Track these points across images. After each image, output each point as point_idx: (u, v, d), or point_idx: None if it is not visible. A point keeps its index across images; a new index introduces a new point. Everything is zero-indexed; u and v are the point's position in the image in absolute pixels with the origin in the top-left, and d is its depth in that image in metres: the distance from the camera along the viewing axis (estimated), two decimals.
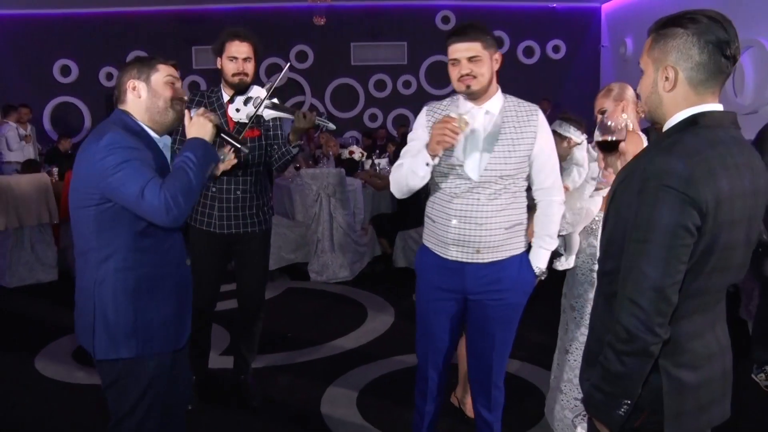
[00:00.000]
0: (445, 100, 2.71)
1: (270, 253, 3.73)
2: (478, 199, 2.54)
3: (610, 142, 2.16)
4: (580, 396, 2.98)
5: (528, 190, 2.68)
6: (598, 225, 2.94)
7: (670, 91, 1.60)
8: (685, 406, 1.60)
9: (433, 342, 2.77)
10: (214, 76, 3.32)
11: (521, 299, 2.68)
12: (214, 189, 3.34)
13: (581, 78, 12.67)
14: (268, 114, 3.03)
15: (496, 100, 2.58)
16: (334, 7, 11.63)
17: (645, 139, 2.78)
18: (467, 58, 2.48)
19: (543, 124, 2.60)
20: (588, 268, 2.96)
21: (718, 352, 1.67)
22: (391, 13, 12.88)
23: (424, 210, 2.76)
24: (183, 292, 2.34)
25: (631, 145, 2.24)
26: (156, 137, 2.28)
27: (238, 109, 3.07)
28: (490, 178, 2.52)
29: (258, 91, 3.14)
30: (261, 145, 3.37)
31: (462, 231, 2.56)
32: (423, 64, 12.78)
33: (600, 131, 2.19)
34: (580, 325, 3.00)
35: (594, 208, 2.91)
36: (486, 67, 2.49)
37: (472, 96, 2.53)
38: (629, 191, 1.57)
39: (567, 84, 12.83)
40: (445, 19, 12.71)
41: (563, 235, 2.95)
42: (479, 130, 2.55)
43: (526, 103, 2.63)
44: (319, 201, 6.16)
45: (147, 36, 12.36)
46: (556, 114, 3.46)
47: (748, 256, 1.65)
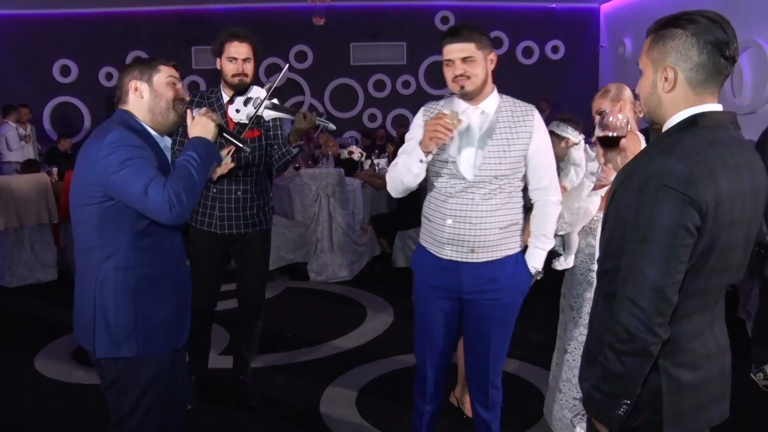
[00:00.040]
0: (442, 100, 2.71)
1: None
2: (473, 198, 2.54)
3: (611, 137, 2.16)
4: (578, 395, 2.99)
5: (525, 190, 2.68)
6: (597, 225, 2.94)
7: (670, 91, 1.60)
8: (684, 406, 1.60)
9: (431, 341, 2.77)
10: (214, 77, 3.32)
11: (517, 299, 2.68)
12: (214, 190, 3.35)
13: (580, 78, 12.68)
14: (268, 114, 3.03)
15: (492, 100, 2.58)
16: (334, 7, 11.64)
17: (643, 140, 2.79)
18: (461, 58, 2.48)
19: (539, 124, 2.59)
20: (586, 268, 2.97)
21: (717, 352, 1.67)
22: (391, 14, 12.89)
23: None
24: (183, 293, 2.34)
25: (629, 145, 2.24)
26: (158, 137, 2.29)
27: (238, 110, 3.07)
28: (484, 178, 2.53)
29: (258, 92, 3.14)
30: (261, 145, 3.37)
31: (457, 230, 2.57)
32: (422, 64, 12.80)
33: (601, 127, 2.18)
34: (578, 325, 3.01)
35: (592, 208, 2.92)
36: (480, 68, 2.50)
37: (466, 96, 2.54)
38: (629, 191, 1.57)
39: (566, 84, 12.84)
40: (445, 20, 12.72)
41: (562, 234, 2.96)
42: (474, 130, 2.56)
43: (522, 103, 2.63)
44: (319, 201, 6.16)
45: (146, 36, 12.37)
46: (554, 114, 3.47)
47: (747, 256, 1.65)
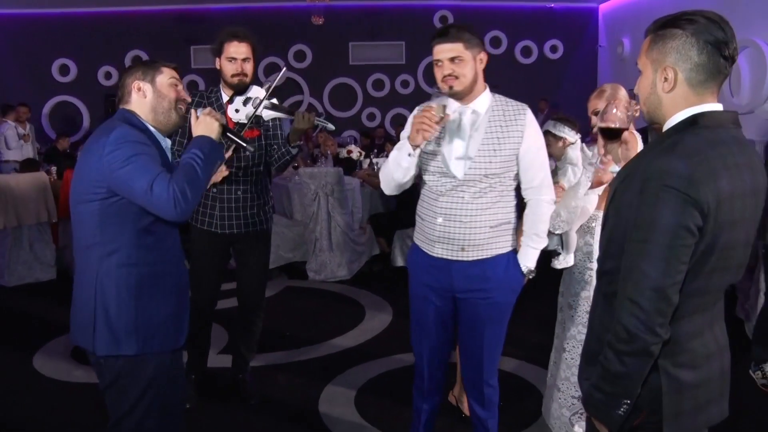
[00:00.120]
0: (435, 100, 2.72)
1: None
2: (463, 197, 2.55)
3: (613, 129, 2.16)
4: (577, 394, 3.00)
5: (519, 189, 2.69)
6: (594, 223, 2.95)
7: (670, 91, 1.59)
8: (683, 406, 1.60)
9: (427, 339, 2.78)
10: (213, 76, 3.32)
11: (509, 298, 2.68)
12: (214, 189, 3.35)
13: (579, 78, 12.68)
14: (267, 114, 3.04)
15: (483, 99, 2.59)
16: (333, 6, 11.64)
17: (640, 139, 2.80)
18: (449, 58, 2.49)
19: (531, 123, 2.59)
20: (585, 267, 2.98)
21: (717, 352, 1.67)
22: (390, 13, 12.89)
23: None
24: (182, 293, 2.35)
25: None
26: (160, 137, 2.30)
27: (237, 110, 3.08)
28: (474, 177, 2.53)
29: (257, 92, 3.14)
30: (261, 145, 3.37)
31: (447, 229, 2.57)
32: (421, 63, 12.79)
33: (604, 118, 2.18)
34: (576, 323, 3.01)
35: (590, 207, 2.92)
36: (469, 68, 2.50)
37: (456, 96, 2.54)
38: (630, 191, 1.57)
39: (564, 84, 12.84)
40: (443, 19, 12.71)
41: (560, 233, 2.97)
42: (465, 129, 2.57)
43: (515, 102, 2.63)
44: (318, 200, 6.16)
45: (146, 36, 12.36)
46: (553, 114, 3.48)
47: (747, 256, 1.65)
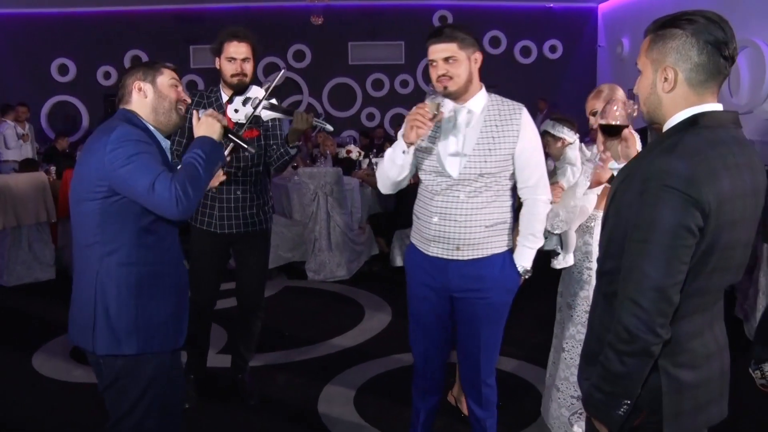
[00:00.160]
0: (429, 98, 2.71)
1: None
2: (458, 196, 2.55)
3: (614, 126, 2.15)
4: (576, 394, 3.00)
5: (515, 189, 2.68)
6: (593, 223, 2.95)
7: (670, 91, 1.59)
8: (683, 406, 1.60)
9: (425, 339, 2.78)
10: (212, 76, 3.32)
11: (506, 298, 2.68)
12: (214, 190, 3.35)
13: (578, 78, 12.69)
14: (266, 114, 3.03)
15: (479, 99, 2.59)
16: (332, 6, 11.64)
17: (638, 138, 2.80)
18: (443, 58, 2.49)
19: (526, 123, 2.59)
20: (584, 266, 2.98)
21: (717, 352, 1.67)
22: (389, 13, 12.90)
23: None
24: (181, 293, 2.35)
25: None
26: (160, 137, 2.30)
27: (236, 110, 3.07)
28: (469, 176, 2.53)
29: (257, 92, 3.14)
30: (260, 145, 3.37)
31: (442, 228, 2.58)
32: (420, 63, 12.79)
33: (604, 115, 2.17)
34: (576, 323, 3.02)
35: (588, 206, 2.93)
36: (463, 68, 2.50)
37: (451, 96, 2.54)
38: (630, 191, 1.57)
39: (564, 84, 12.85)
40: (443, 19, 12.72)
41: (559, 233, 2.97)
42: (460, 128, 2.57)
43: (511, 101, 2.63)
44: (317, 200, 6.16)
45: (145, 35, 12.36)
46: (551, 114, 3.48)
47: (747, 256, 1.65)
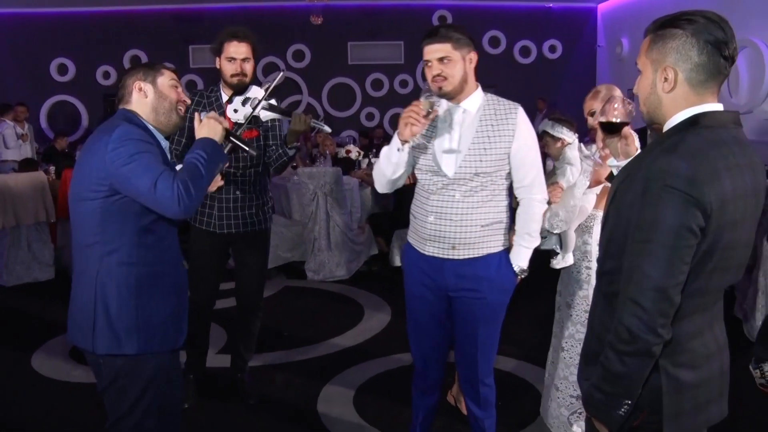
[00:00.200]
0: (424, 96, 2.72)
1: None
2: (454, 195, 2.56)
3: (615, 123, 2.15)
4: (575, 393, 3.01)
5: (512, 189, 2.68)
6: (592, 222, 2.96)
7: (670, 91, 1.59)
8: (683, 406, 1.60)
9: (423, 338, 2.79)
10: (212, 75, 3.32)
11: (502, 298, 2.67)
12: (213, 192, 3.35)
13: (577, 78, 12.70)
14: (265, 115, 3.03)
15: (475, 99, 2.59)
16: (331, 6, 11.64)
17: (637, 138, 2.79)
18: (437, 59, 2.50)
19: (522, 122, 2.59)
20: (583, 266, 2.98)
21: (717, 352, 1.66)
22: (388, 13, 12.90)
23: None
24: (181, 292, 2.35)
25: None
26: (160, 137, 2.30)
27: (236, 110, 3.07)
28: (465, 175, 2.54)
29: (256, 92, 3.14)
30: (259, 145, 3.37)
31: (438, 227, 2.58)
32: (420, 63, 12.58)
33: (604, 112, 2.16)
34: (575, 323, 3.02)
35: (588, 206, 2.93)
36: (458, 68, 2.51)
37: (446, 96, 2.55)
38: (631, 191, 1.56)
39: (563, 84, 12.86)
40: (442, 19, 12.72)
41: (558, 233, 2.97)
42: (455, 128, 2.57)
43: (507, 101, 2.63)
44: (316, 200, 6.16)
45: (144, 35, 12.36)
46: (550, 114, 3.48)
47: (747, 256, 1.65)
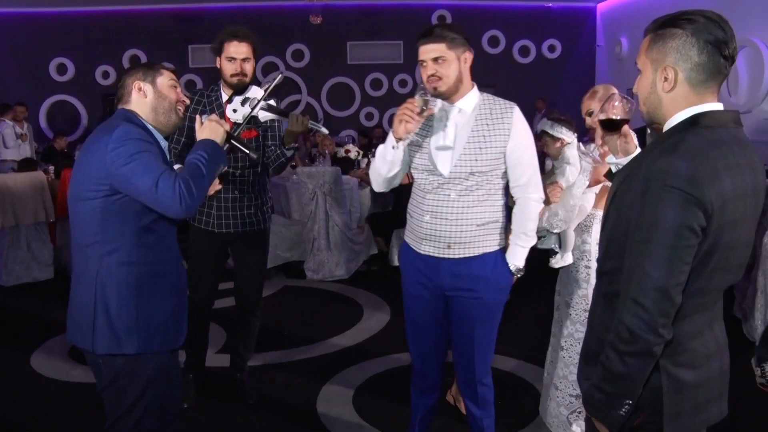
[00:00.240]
0: (418, 94, 2.73)
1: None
2: (449, 195, 2.56)
3: (615, 120, 2.14)
4: (575, 393, 3.00)
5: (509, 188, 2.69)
6: (591, 221, 2.96)
7: (670, 91, 1.59)
8: (684, 406, 1.59)
9: (421, 337, 2.80)
10: (211, 75, 3.33)
11: (498, 297, 2.68)
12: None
13: (577, 77, 12.70)
14: (263, 116, 3.04)
15: (470, 98, 2.59)
16: (331, 6, 11.65)
17: (634, 137, 2.79)
18: (432, 59, 2.50)
19: (518, 121, 2.59)
20: (582, 265, 2.99)
21: (717, 352, 1.66)
22: (387, 12, 12.90)
23: None
24: (181, 292, 2.35)
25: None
26: (159, 137, 2.30)
27: (235, 110, 3.08)
28: (460, 174, 2.54)
29: (256, 92, 3.14)
30: (258, 146, 3.37)
31: (433, 226, 2.59)
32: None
33: (604, 109, 2.16)
34: (575, 322, 3.02)
35: (587, 205, 2.93)
36: (452, 68, 2.51)
37: (441, 96, 2.55)
38: (632, 191, 1.56)
39: (562, 83, 12.86)
40: (441, 18, 12.73)
41: (557, 232, 2.97)
42: (451, 127, 2.58)
43: (503, 100, 2.64)
44: (315, 199, 6.16)
45: (143, 34, 12.36)
46: (549, 113, 3.48)
47: (747, 256, 1.65)
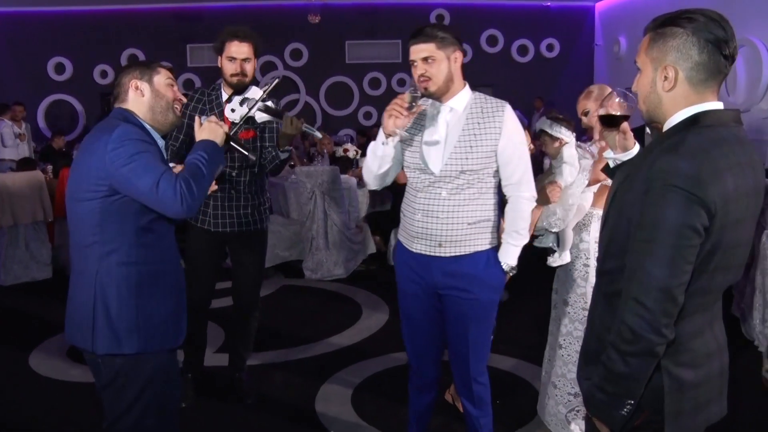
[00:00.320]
0: (408, 91, 2.73)
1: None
2: (440, 193, 2.57)
3: (615, 116, 2.14)
4: (573, 391, 3.01)
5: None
6: (589, 220, 2.96)
7: (670, 90, 1.58)
8: (684, 405, 1.59)
9: (415, 335, 2.81)
10: (209, 75, 3.33)
11: (491, 296, 2.68)
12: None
13: (575, 76, 12.71)
14: (260, 117, 3.03)
15: (462, 97, 2.60)
16: (329, 5, 11.66)
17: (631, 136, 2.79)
18: (422, 59, 2.50)
19: (509, 120, 2.59)
20: (581, 264, 2.99)
21: (717, 351, 1.66)
22: (386, 12, 12.91)
23: None
24: (180, 291, 2.35)
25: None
26: (156, 136, 2.29)
27: (233, 110, 3.07)
28: (451, 173, 2.55)
29: (255, 92, 3.13)
30: (256, 147, 3.37)
31: (425, 225, 2.60)
32: None
33: (604, 105, 2.15)
34: (573, 320, 3.02)
35: (585, 204, 2.93)
36: (442, 67, 2.51)
37: (432, 96, 2.56)
38: (633, 191, 1.56)
39: (561, 82, 12.87)
40: (440, 18, 12.74)
41: (555, 231, 2.97)
42: (442, 126, 2.59)
43: (494, 99, 2.64)
44: (314, 199, 6.17)
45: (142, 34, 12.36)
46: (548, 112, 3.48)
47: (747, 255, 1.65)
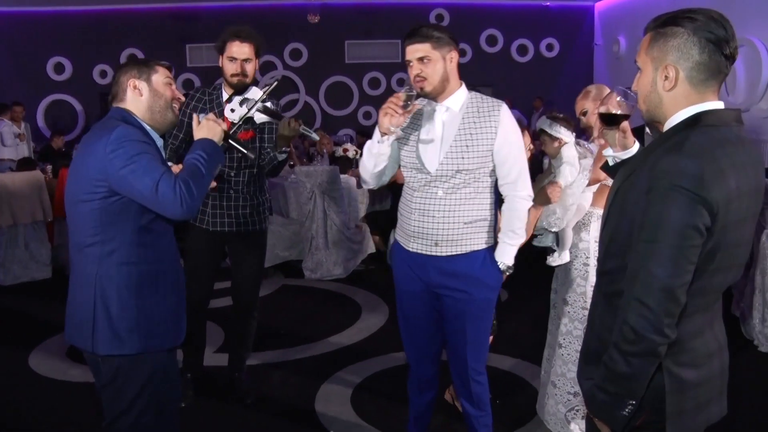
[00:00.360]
0: (403, 90, 2.74)
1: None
2: (436, 192, 2.58)
3: (615, 115, 2.14)
4: (573, 390, 3.01)
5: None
6: (589, 220, 2.96)
7: (671, 90, 1.58)
8: (685, 405, 1.59)
9: (414, 334, 2.81)
10: (209, 74, 3.34)
11: (488, 295, 2.68)
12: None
13: (575, 76, 12.70)
14: (259, 118, 3.04)
15: (458, 97, 2.60)
16: (328, 4, 11.65)
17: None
18: (417, 58, 2.51)
19: (505, 119, 2.60)
20: (581, 263, 2.99)
21: (717, 351, 1.66)
22: (385, 11, 12.89)
23: None
24: (180, 291, 2.35)
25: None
26: (155, 136, 2.29)
27: (233, 110, 3.08)
28: (447, 172, 2.55)
29: (255, 93, 3.14)
30: (255, 147, 3.37)
31: (421, 224, 2.60)
32: None
33: (605, 102, 2.15)
34: (573, 319, 3.02)
35: (585, 204, 2.94)
36: (438, 67, 2.51)
37: (428, 96, 2.56)
38: (634, 190, 1.55)
39: (560, 82, 12.86)
40: (439, 17, 12.73)
41: (555, 231, 2.97)
42: (438, 125, 2.59)
43: (491, 98, 2.65)
44: (313, 198, 6.16)
45: (141, 34, 12.34)
46: (548, 112, 3.48)
47: (747, 255, 1.65)
